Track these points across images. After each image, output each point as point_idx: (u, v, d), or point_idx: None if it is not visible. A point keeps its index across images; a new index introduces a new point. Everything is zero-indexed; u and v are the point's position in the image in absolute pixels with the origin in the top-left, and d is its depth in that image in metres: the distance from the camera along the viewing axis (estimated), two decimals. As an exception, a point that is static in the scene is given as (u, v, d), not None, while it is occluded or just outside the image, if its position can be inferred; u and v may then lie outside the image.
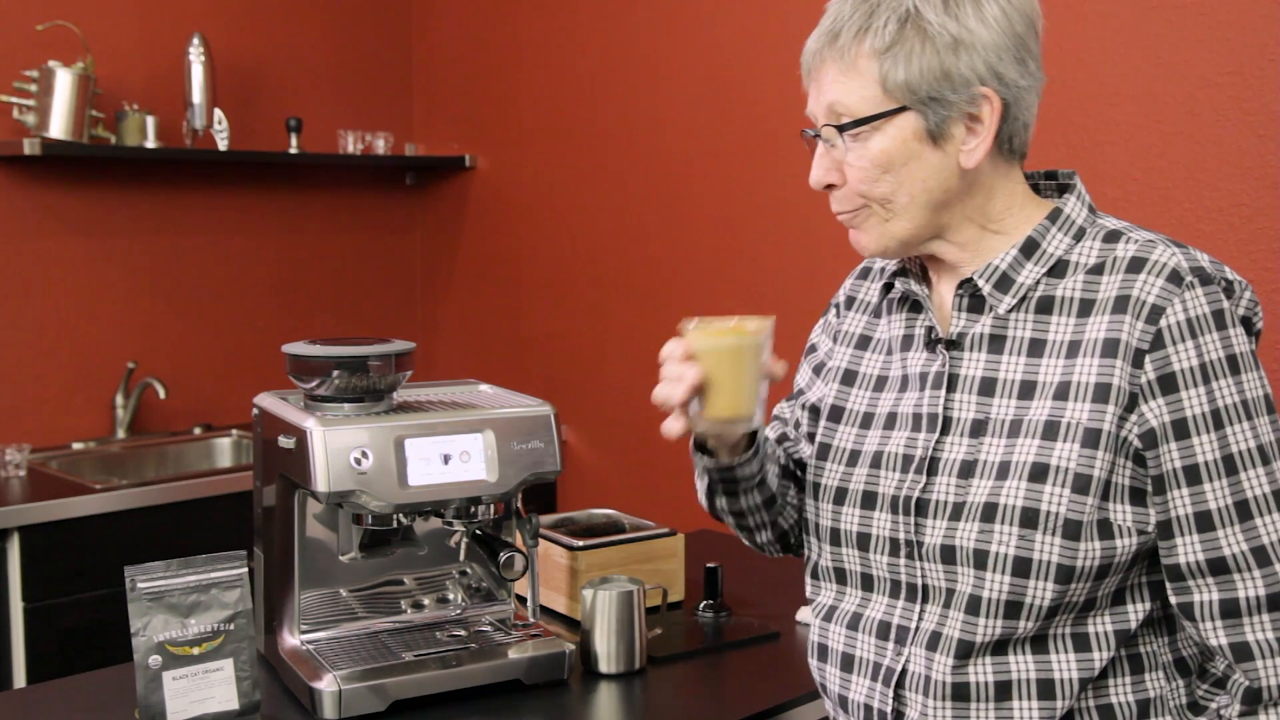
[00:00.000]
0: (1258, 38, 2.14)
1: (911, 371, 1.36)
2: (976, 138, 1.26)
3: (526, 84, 3.66)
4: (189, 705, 1.51)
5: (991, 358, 1.30)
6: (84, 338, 3.37)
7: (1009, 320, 1.30)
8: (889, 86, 1.24)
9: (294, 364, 1.67)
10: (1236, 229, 2.18)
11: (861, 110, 1.26)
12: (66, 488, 2.87)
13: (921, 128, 1.25)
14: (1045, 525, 1.21)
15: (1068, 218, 1.31)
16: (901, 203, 1.28)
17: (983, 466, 1.26)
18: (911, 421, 1.33)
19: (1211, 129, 2.21)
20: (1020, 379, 1.28)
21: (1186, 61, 2.24)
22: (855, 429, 1.39)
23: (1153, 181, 2.28)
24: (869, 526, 1.34)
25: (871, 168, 1.27)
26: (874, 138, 1.26)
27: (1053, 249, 1.30)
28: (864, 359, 1.44)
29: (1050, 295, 1.28)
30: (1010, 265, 1.30)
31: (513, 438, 1.67)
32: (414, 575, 1.80)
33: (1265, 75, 2.14)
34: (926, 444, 1.31)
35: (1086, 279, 1.27)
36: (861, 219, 1.31)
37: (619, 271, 3.43)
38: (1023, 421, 1.25)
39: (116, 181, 3.42)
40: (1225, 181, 2.19)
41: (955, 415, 1.30)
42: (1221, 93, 2.19)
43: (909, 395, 1.35)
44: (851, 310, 1.49)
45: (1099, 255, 1.28)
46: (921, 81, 1.23)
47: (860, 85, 1.25)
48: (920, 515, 1.29)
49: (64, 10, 3.26)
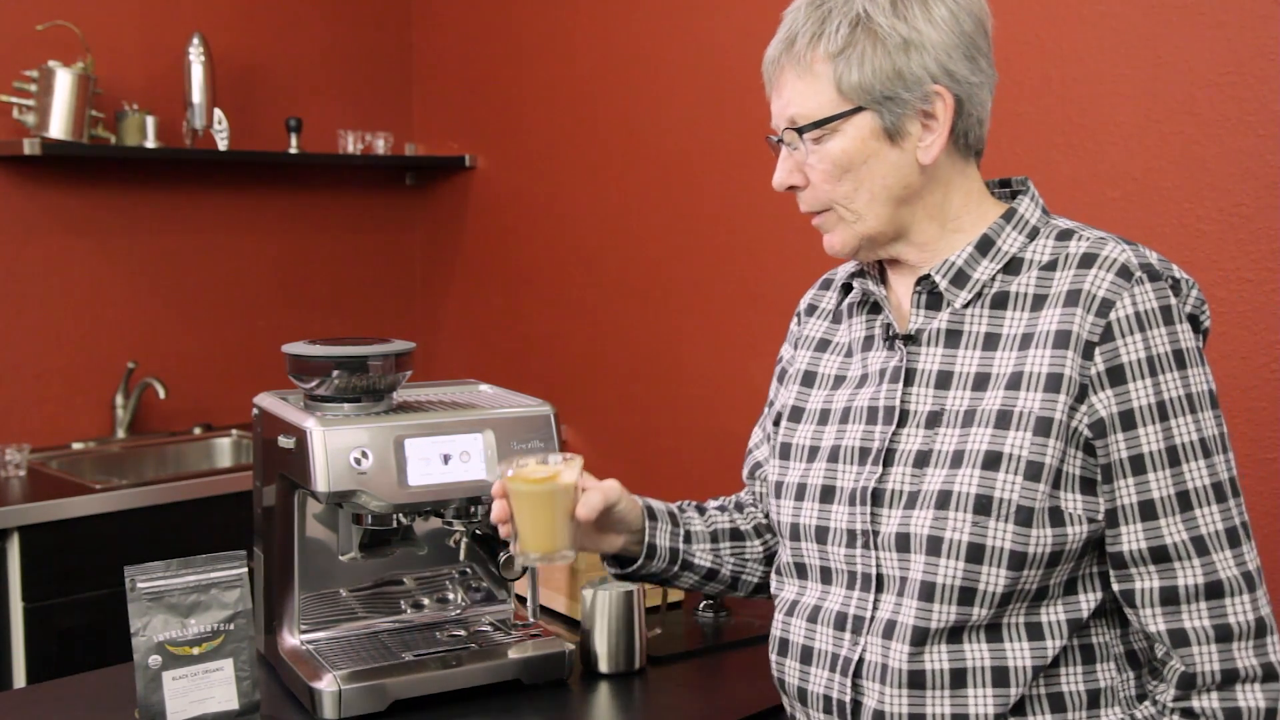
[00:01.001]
0: (1258, 38, 2.14)
1: (871, 369, 1.40)
2: (932, 134, 1.31)
3: (526, 84, 3.66)
4: (189, 705, 1.51)
5: (948, 352, 1.34)
6: (84, 338, 3.37)
7: (965, 315, 1.34)
8: (844, 88, 1.30)
9: (294, 364, 1.67)
10: (1236, 229, 2.18)
11: (819, 113, 1.32)
12: (66, 488, 2.87)
13: (879, 126, 1.31)
14: (998, 511, 1.24)
15: (1021, 217, 1.36)
16: (863, 201, 1.34)
17: (937, 456, 1.30)
18: (867, 415, 1.37)
19: (1211, 129, 2.21)
20: (975, 371, 1.31)
21: (1186, 61, 2.24)
22: (814, 426, 1.44)
23: (1153, 181, 2.28)
24: (827, 520, 1.37)
25: (833, 168, 1.33)
26: (833, 139, 1.32)
27: (1007, 246, 1.34)
28: (822, 360, 1.48)
29: (1005, 291, 1.32)
30: (966, 261, 1.34)
31: (513, 438, 1.67)
32: (414, 575, 1.80)
33: (1265, 75, 2.14)
34: (883, 436, 1.34)
35: (1040, 275, 1.31)
36: (830, 222, 1.37)
37: (619, 271, 3.43)
38: (976, 411, 1.29)
39: (116, 181, 3.42)
40: (1225, 181, 2.19)
41: (912, 408, 1.34)
42: (1221, 93, 2.19)
43: (866, 390, 1.39)
44: (812, 317, 1.55)
45: (1052, 252, 1.32)
46: (875, 81, 1.29)
47: (816, 89, 1.32)
48: (876, 505, 1.32)
49: (64, 10, 3.26)
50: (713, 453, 3.20)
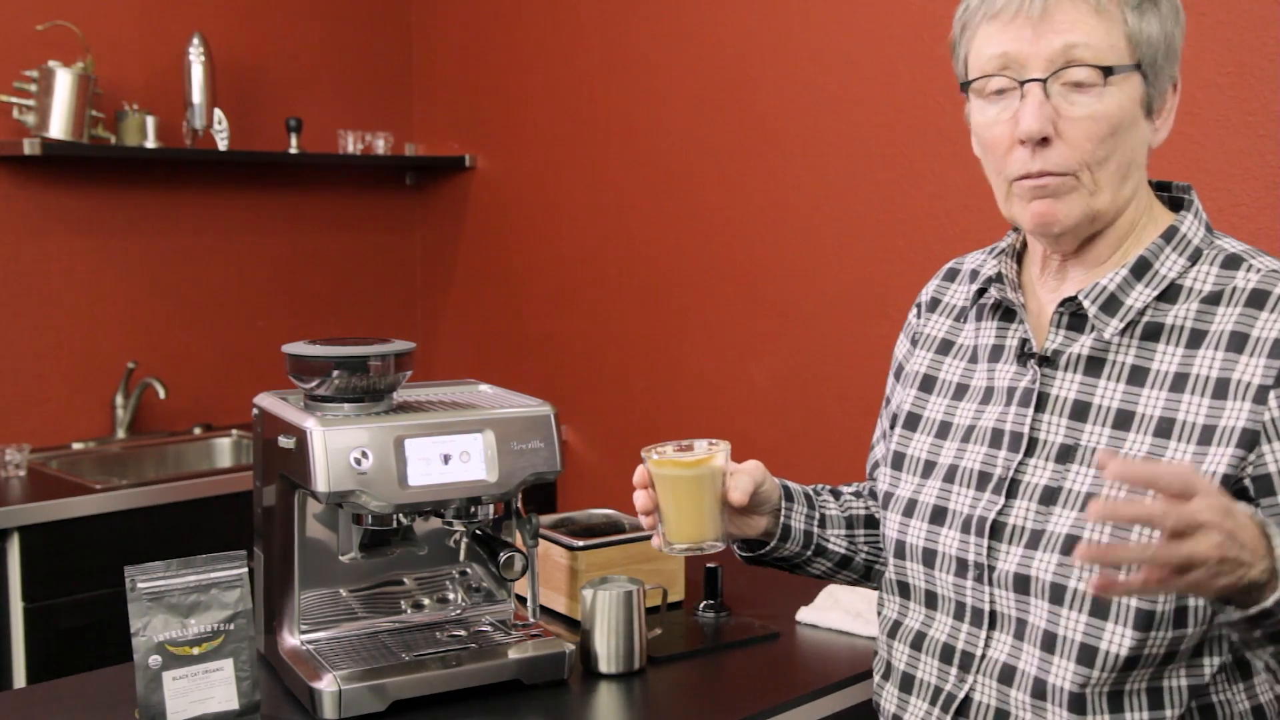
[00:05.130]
0: (1258, 38, 2.14)
1: (998, 384, 1.29)
2: (1163, 119, 1.23)
3: (526, 84, 3.66)
4: (189, 705, 1.51)
5: (1087, 380, 1.22)
6: (84, 338, 3.37)
7: (1111, 344, 1.22)
8: (1137, 39, 1.18)
9: (294, 364, 1.67)
10: (1236, 229, 2.18)
11: (1108, 58, 1.17)
12: (66, 488, 2.87)
13: (1143, 94, 1.20)
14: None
15: (1184, 237, 1.23)
16: (1110, 171, 1.20)
17: (1067, 495, 1.20)
18: (991, 437, 1.27)
19: (1211, 129, 2.21)
20: (1117, 407, 1.20)
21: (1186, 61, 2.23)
22: (930, 438, 1.34)
23: (1153, 181, 2.28)
24: (935, 543, 1.29)
25: (1102, 126, 1.18)
26: (1111, 91, 1.18)
27: (1166, 270, 1.22)
28: (944, 364, 1.37)
29: (1159, 322, 1.21)
30: (1119, 286, 1.22)
31: (513, 438, 1.67)
32: (414, 575, 1.80)
33: (1265, 75, 2.14)
34: (1008, 463, 1.24)
35: (1201, 307, 1.19)
36: (1067, 188, 1.20)
37: (619, 271, 3.43)
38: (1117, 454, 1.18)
39: (116, 181, 3.42)
40: (1225, 181, 2.19)
41: (1042, 437, 1.24)
42: (1221, 93, 2.19)
43: (992, 409, 1.29)
44: (935, 313, 1.43)
45: (1216, 282, 1.20)
46: (1160, 43, 1.19)
47: (1108, 29, 1.17)
48: (994, 538, 1.23)
49: (64, 10, 3.26)
50: (713, 453, 3.19)
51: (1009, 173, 1.22)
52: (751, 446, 3.09)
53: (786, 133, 2.94)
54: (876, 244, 2.76)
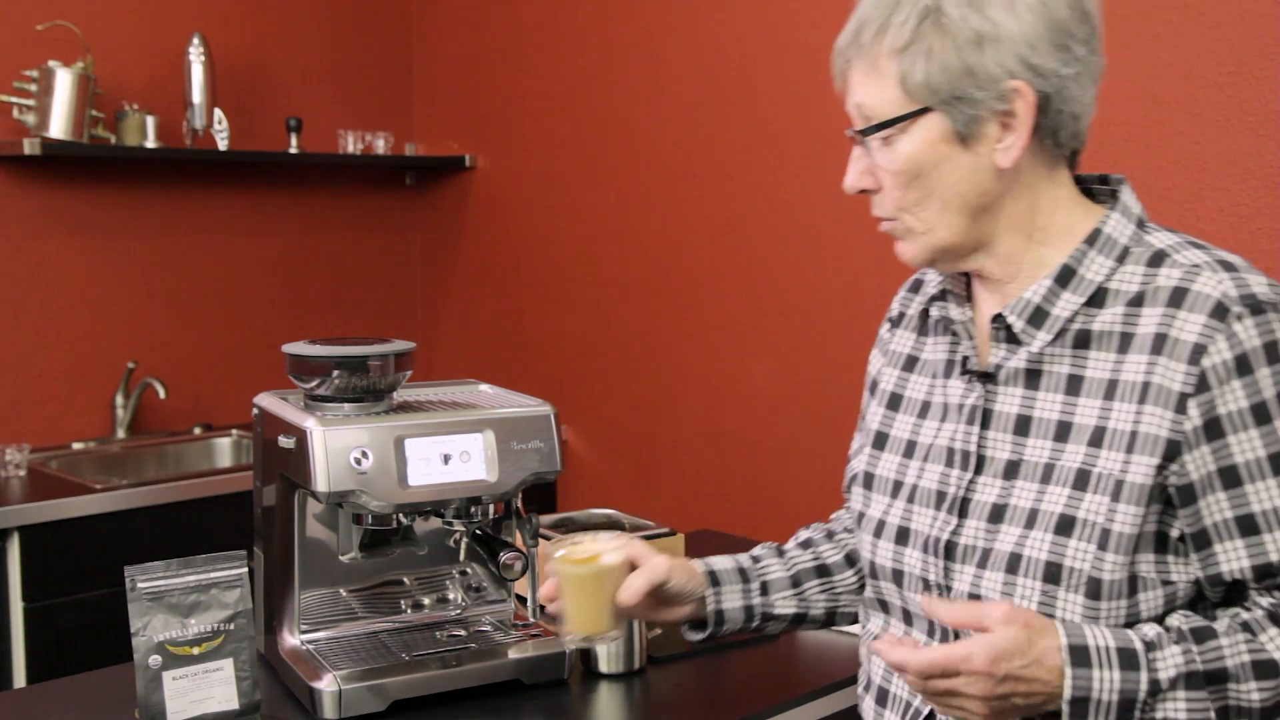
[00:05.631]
0: (1258, 38, 2.14)
1: (951, 400, 1.30)
2: (1012, 134, 1.18)
3: (526, 84, 3.66)
4: (189, 705, 1.51)
5: (1028, 394, 1.22)
6: (84, 338, 3.37)
7: (1045, 355, 1.22)
8: (909, 87, 1.18)
9: (294, 364, 1.67)
10: (1236, 229, 2.18)
11: (885, 112, 1.20)
12: (66, 488, 2.87)
13: (949, 129, 1.18)
14: (1068, 581, 1.15)
15: (1108, 239, 1.22)
16: (934, 210, 1.21)
17: (1013, 512, 1.20)
18: (945, 456, 1.28)
19: (1211, 129, 2.21)
20: (1057, 419, 1.20)
21: (1186, 61, 2.24)
22: (899, 457, 1.35)
23: (1153, 181, 2.28)
24: (901, 563, 1.29)
25: (900, 173, 1.20)
26: (900, 141, 1.20)
27: (1091, 275, 1.21)
28: (910, 382, 1.37)
29: (1089, 329, 1.20)
30: (1044, 298, 1.21)
31: (513, 438, 1.67)
32: (414, 575, 1.80)
33: (1265, 75, 2.14)
34: (959, 482, 1.25)
35: (1127, 311, 1.18)
36: (900, 231, 1.25)
37: (619, 271, 3.43)
38: (1055, 467, 1.19)
39: (116, 181, 3.42)
40: (1225, 181, 2.19)
41: (989, 454, 1.24)
42: (1221, 93, 2.19)
43: (946, 426, 1.29)
44: (900, 327, 1.43)
45: (1141, 282, 1.19)
46: (943, 80, 1.17)
47: (881, 87, 1.20)
48: (950, 559, 1.24)
49: (64, 10, 3.26)
50: (713, 453, 3.20)
51: None
52: (752, 446, 3.10)
53: (786, 133, 2.94)
54: (876, 243, 2.75)
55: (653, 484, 3.38)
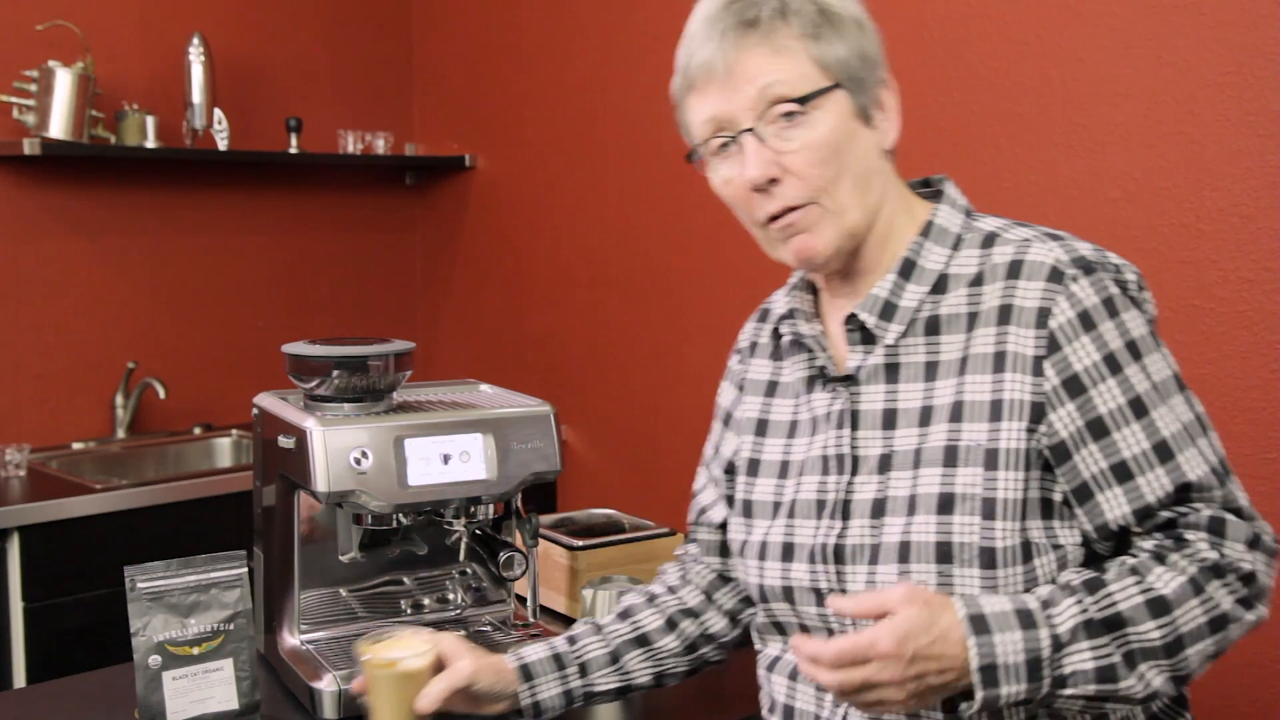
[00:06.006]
0: (1258, 38, 2.14)
1: (818, 413, 1.32)
2: (888, 119, 1.27)
3: (526, 84, 3.66)
4: (189, 705, 1.51)
5: (890, 388, 1.26)
6: (84, 338, 3.37)
7: (900, 347, 1.26)
8: (827, 63, 1.22)
9: (294, 364, 1.67)
10: (1236, 229, 2.18)
11: (802, 87, 1.21)
12: (66, 488, 2.87)
13: (852, 106, 1.24)
14: (960, 558, 1.17)
15: (941, 228, 1.28)
16: (846, 189, 1.23)
17: (893, 503, 1.22)
18: (820, 465, 1.29)
19: (1211, 129, 2.21)
20: (920, 405, 1.24)
21: (1186, 61, 2.24)
22: (774, 480, 1.36)
23: (1153, 181, 2.28)
24: (790, 579, 1.30)
25: (819, 148, 1.21)
26: (818, 116, 1.22)
27: (931, 264, 1.26)
28: (774, 406, 1.39)
29: (937, 315, 1.25)
30: (891, 291, 1.26)
31: (513, 438, 1.67)
32: (414, 575, 1.80)
33: (1265, 75, 2.14)
34: (838, 486, 1.27)
35: (969, 291, 1.24)
36: (812, 218, 1.24)
37: (619, 271, 3.43)
38: (923, 450, 1.22)
39: (116, 181, 3.42)
40: (1225, 181, 2.19)
41: (862, 453, 1.26)
42: (1221, 93, 2.19)
43: (817, 438, 1.31)
44: (755, 356, 1.45)
45: (978, 264, 1.25)
46: (851, 59, 1.23)
47: (795, 64, 1.22)
48: (839, 562, 1.25)
49: (64, 10, 3.26)
50: (713, 453, 3.20)
51: (757, 218, 1.27)
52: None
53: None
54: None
55: (653, 484, 3.38)
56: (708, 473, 1.51)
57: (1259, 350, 2.16)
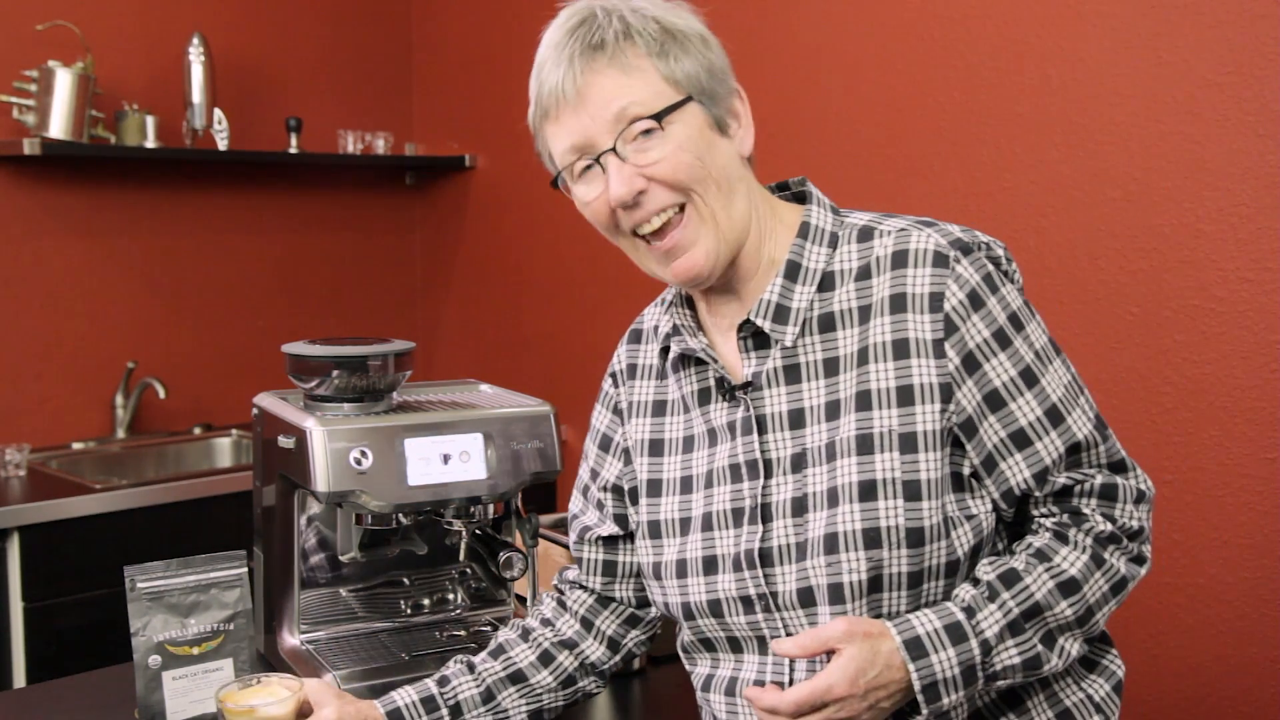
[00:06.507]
0: (1258, 38, 2.14)
1: (717, 424, 1.32)
2: (742, 127, 1.30)
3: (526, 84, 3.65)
4: (189, 705, 1.51)
5: (792, 389, 1.28)
6: (84, 338, 3.37)
7: (797, 347, 1.28)
8: (677, 78, 1.24)
9: (294, 364, 1.67)
10: (1236, 229, 2.18)
11: (656, 104, 1.23)
12: (66, 488, 2.87)
13: (708, 118, 1.26)
14: (889, 541, 1.20)
15: (817, 228, 1.31)
16: (713, 193, 1.26)
17: (813, 499, 1.24)
18: (730, 474, 1.30)
19: (1211, 129, 2.21)
20: (824, 401, 1.26)
21: (1186, 61, 2.24)
22: (677, 497, 1.36)
23: (1153, 181, 2.28)
24: (715, 591, 1.30)
25: (682, 151, 1.24)
26: (674, 130, 1.24)
27: (814, 264, 1.29)
28: (665, 423, 1.40)
29: (829, 311, 1.27)
30: (780, 294, 1.28)
31: (513, 438, 1.67)
32: (414, 575, 1.80)
33: (1265, 75, 2.14)
34: (753, 492, 1.28)
35: (857, 285, 1.27)
36: (690, 231, 1.26)
37: (619, 271, 3.43)
38: (835, 443, 1.24)
39: (116, 181, 3.42)
40: (1225, 181, 2.19)
41: (774, 455, 1.28)
42: (1221, 93, 2.19)
43: (721, 448, 1.32)
44: (636, 378, 1.45)
45: (860, 258, 1.28)
46: (699, 73, 1.25)
47: (646, 82, 1.24)
48: (766, 565, 1.26)
49: (64, 10, 3.26)
50: (713, 453, 3.20)
51: (626, 229, 1.29)
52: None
53: (785, 132, 2.94)
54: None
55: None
56: (584, 498, 1.52)
57: (1259, 350, 2.16)
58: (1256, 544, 2.16)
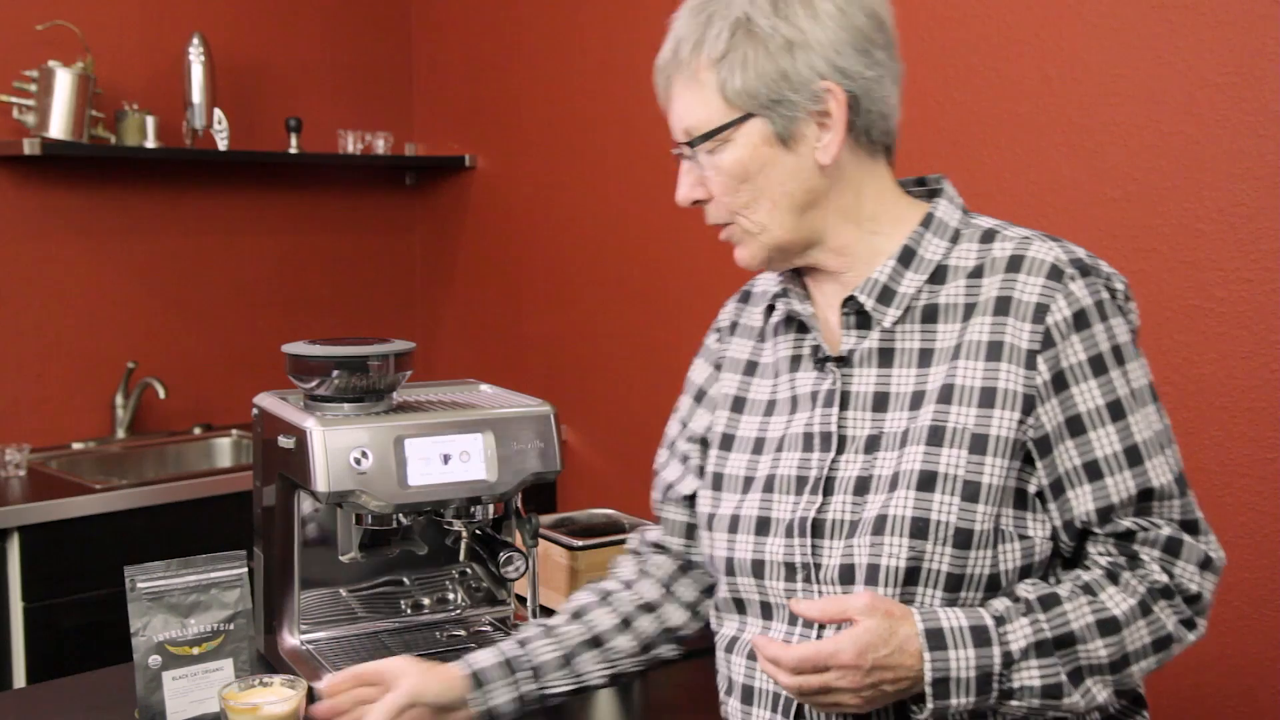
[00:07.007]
0: (1258, 38, 2.14)
1: (801, 391, 1.34)
2: (829, 133, 1.26)
3: (526, 84, 3.66)
4: (189, 705, 1.51)
5: (883, 372, 1.29)
6: (84, 338, 3.37)
7: (896, 332, 1.29)
8: (729, 95, 1.25)
9: (294, 364, 1.67)
10: (1236, 229, 2.18)
11: (709, 123, 1.27)
12: (66, 488, 2.87)
13: (770, 132, 1.26)
14: (936, 535, 1.20)
15: (941, 221, 1.31)
16: (764, 211, 1.28)
17: (877, 481, 1.24)
18: (803, 442, 1.31)
19: (1211, 129, 2.21)
20: (911, 390, 1.26)
21: (1186, 61, 2.24)
22: (747, 455, 1.37)
23: (1153, 181, 2.28)
24: (762, 553, 1.31)
25: (729, 180, 1.28)
26: (725, 149, 1.27)
27: (930, 255, 1.29)
28: (752, 384, 1.41)
29: (934, 303, 1.28)
30: (890, 277, 1.29)
31: (513, 438, 1.67)
32: (414, 575, 1.80)
33: (1265, 75, 2.14)
34: (821, 463, 1.29)
35: (968, 282, 1.27)
36: (737, 235, 1.32)
37: (619, 271, 3.43)
38: (910, 430, 1.24)
39: (116, 181, 3.42)
40: (1225, 181, 2.19)
41: (850, 433, 1.28)
42: (1221, 93, 2.19)
43: (799, 415, 1.33)
44: (735, 336, 1.47)
45: (977, 256, 1.28)
46: (760, 85, 1.24)
47: (703, 99, 1.27)
48: (817, 536, 1.27)
49: (64, 10, 3.26)
50: (713, 453, 3.20)
51: None
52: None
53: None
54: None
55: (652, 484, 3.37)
56: (670, 451, 1.53)
57: (1259, 350, 2.16)
58: (1256, 544, 2.16)
